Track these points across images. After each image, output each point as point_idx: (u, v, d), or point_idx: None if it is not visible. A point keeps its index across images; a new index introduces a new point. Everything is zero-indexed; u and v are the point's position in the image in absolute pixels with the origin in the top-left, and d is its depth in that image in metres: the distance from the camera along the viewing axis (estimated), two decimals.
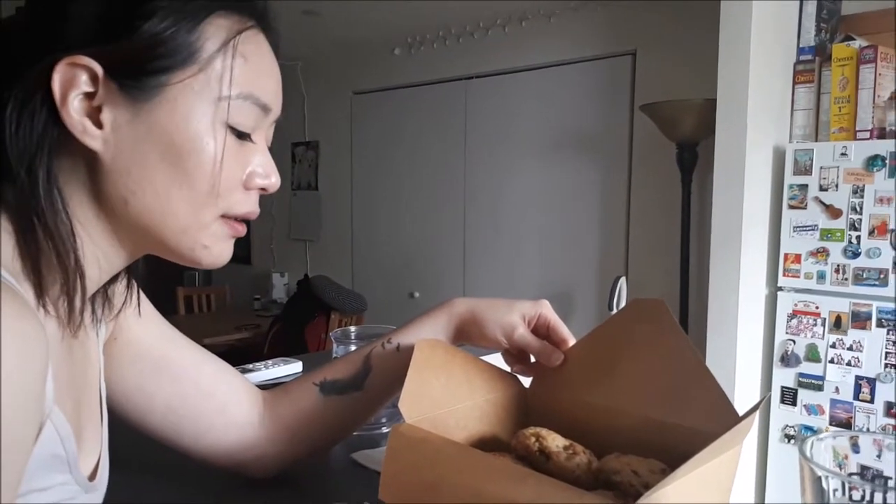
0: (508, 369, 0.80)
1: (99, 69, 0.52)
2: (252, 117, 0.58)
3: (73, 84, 0.51)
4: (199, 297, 4.98)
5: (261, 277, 5.31)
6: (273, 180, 0.61)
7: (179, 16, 0.53)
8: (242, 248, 5.49)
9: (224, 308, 5.09)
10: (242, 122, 0.57)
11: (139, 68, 0.53)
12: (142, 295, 0.75)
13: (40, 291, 0.53)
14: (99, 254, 0.58)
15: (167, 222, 0.56)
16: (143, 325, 0.75)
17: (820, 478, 0.42)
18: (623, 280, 3.01)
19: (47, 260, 0.53)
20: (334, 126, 4.82)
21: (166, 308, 4.56)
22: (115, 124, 0.53)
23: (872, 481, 0.42)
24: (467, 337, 0.81)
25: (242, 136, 0.58)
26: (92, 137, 0.53)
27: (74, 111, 0.52)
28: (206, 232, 0.58)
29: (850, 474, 0.46)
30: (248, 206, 0.60)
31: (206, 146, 0.55)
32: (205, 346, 0.81)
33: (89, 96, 0.52)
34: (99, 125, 0.53)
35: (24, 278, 0.52)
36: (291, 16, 3.78)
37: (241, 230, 0.61)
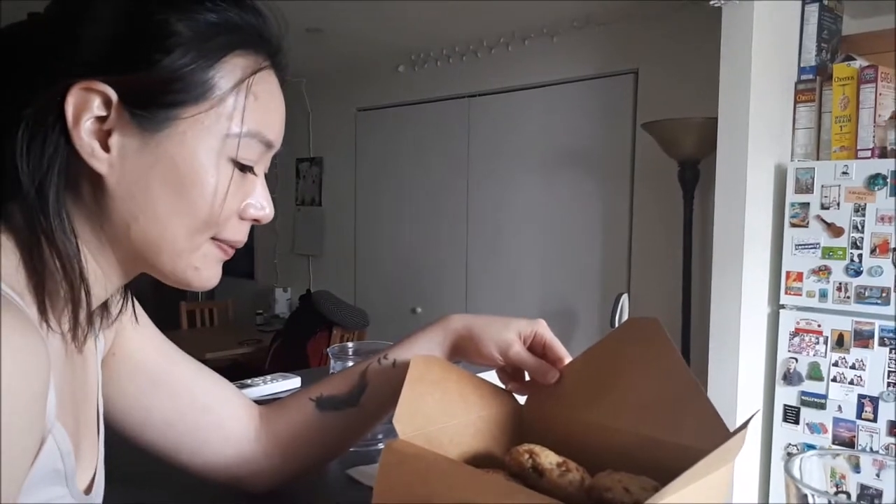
0: (503, 387, 0.80)
1: (114, 95, 0.53)
2: (256, 152, 0.60)
3: (86, 108, 0.52)
4: (202, 311, 4.99)
5: (264, 292, 5.32)
6: (267, 212, 0.63)
7: (199, 53, 0.54)
8: (246, 263, 5.51)
9: (227, 323, 5.11)
10: (247, 157, 0.59)
11: (153, 100, 0.54)
12: (140, 310, 0.76)
13: (44, 308, 0.54)
14: (99, 272, 0.59)
15: (164, 247, 0.58)
16: (141, 340, 0.76)
17: (806, 496, 0.43)
18: (625, 297, 3.01)
19: (52, 277, 0.54)
20: (338, 142, 4.84)
21: (169, 323, 4.56)
22: (123, 150, 0.54)
23: (859, 501, 0.42)
24: (463, 353, 0.81)
25: (245, 168, 0.59)
26: (98, 160, 0.54)
27: (85, 133, 0.53)
28: (198, 253, 0.60)
29: (838, 492, 0.47)
30: (241, 234, 0.62)
31: (209, 179, 0.57)
32: (207, 360, 0.81)
33: (100, 120, 0.53)
34: (107, 149, 0.54)
35: (29, 295, 0.53)
36: (296, 33, 3.81)
37: (230, 253, 0.63)
